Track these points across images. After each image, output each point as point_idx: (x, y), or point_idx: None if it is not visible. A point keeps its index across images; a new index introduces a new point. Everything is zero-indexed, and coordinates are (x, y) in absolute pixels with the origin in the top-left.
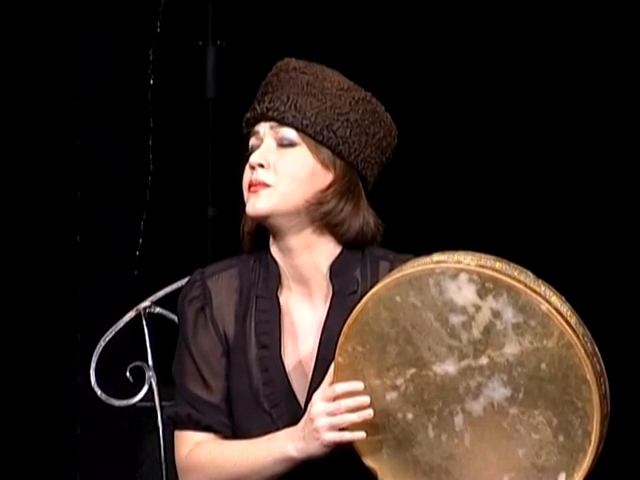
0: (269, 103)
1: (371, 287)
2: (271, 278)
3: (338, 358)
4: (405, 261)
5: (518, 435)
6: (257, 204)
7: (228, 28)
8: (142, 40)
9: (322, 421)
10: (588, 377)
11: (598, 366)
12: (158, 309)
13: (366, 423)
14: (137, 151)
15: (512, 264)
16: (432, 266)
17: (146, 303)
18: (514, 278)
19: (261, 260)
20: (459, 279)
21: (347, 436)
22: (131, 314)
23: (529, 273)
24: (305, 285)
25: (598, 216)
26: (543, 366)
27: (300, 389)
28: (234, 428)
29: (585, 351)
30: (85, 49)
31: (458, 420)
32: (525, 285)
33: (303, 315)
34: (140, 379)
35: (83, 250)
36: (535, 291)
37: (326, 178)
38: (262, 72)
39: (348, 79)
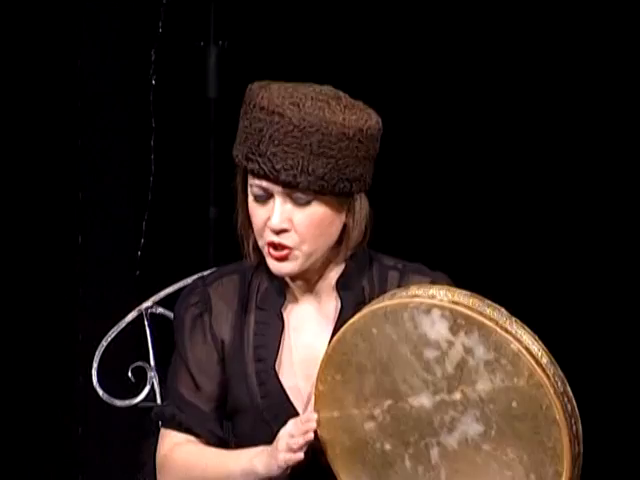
0: (277, 164)
1: (349, 318)
2: (276, 292)
3: (318, 386)
4: (414, 271)
5: (491, 471)
6: (283, 268)
7: (230, 28)
8: (144, 40)
9: (282, 442)
10: (557, 417)
11: (569, 406)
12: (160, 309)
13: (347, 452)
14: (139, 151)
15: (486, 301)
16: (407, 300)
17: (148, 303)
18: (486, 316)
19: (264, 270)
20: (432, 314)
21: (294, 457)
22: (133, 314)
23: (503, 310)
24: (314, 298)
25: (596, 231)
26: (514, 404)
27: (302, 403)
28: (239, 438)
29: (555, 391)
30: (87, 49)
31: (434, 453)
32: (496, 323)
33: (309, 328)
34: (142, 379)
35: (85, 250)
36: (506, 330)
37: (342, 217)
38: (263, 72)
39: (342, 104)
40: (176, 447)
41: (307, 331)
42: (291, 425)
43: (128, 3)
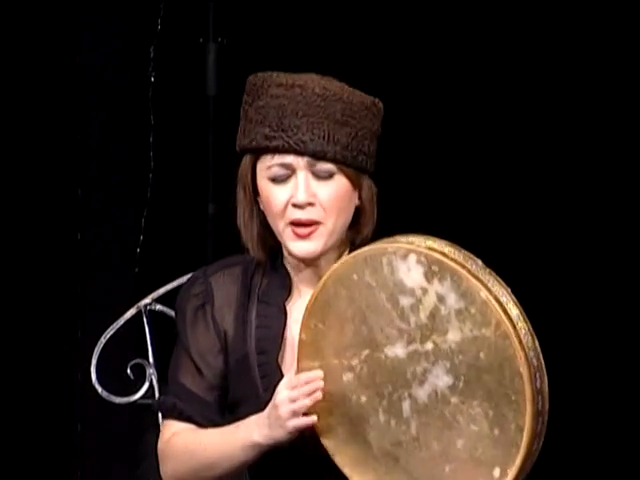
0: (303, 135)
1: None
2: (280, 285)
3: (302, 335)
4: None
5: (458, 426)
6: (308, 247)
7: (229, 25)
8: (143, 37)
9: (285, 408)
10: (521, 369)
11: (535, 361)
12: (159, 306)
13: (325, 404)
14: (138, 148)
15: (463, 251)
16: (386, 245)
17: (147, 300)
18: (459, 263)
19: (267, 262)
20: (409, 260)
21: (304, 420)
22: (132, 311)
23: (478, 261)
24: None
25: (598, 217)
26: (482, 355)
27: None
28: None
29: (520, 343)
30: (86, 46)
31: (406, 406)
32: (468, 271)
33: None
34: (141, 376)
35: (84, 247)
36: (477, 278)
37: (355, 197)
38: (263, 69)
39: (349, 87)
40: (175, 435)
41: None
42: (286, 388)
43: (127, 0)
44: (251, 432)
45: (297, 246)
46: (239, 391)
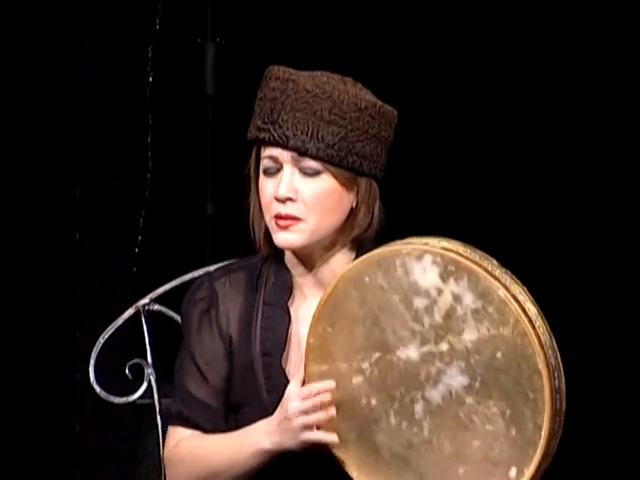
0: (287, 130)
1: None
2: (282, 286)
3: (310, 339)
4: None
5: (473, 426)
6: (289, 238)
7: (227, 25)
8: (141, 37)
9: (298, 421)
10: (540, 367)
11: (553, 360)
12: (157, 306)
13: (335, 410)
14: (136, 148)
15: (478, 251)
16: (400, 247)
17: (145, 300)
18: (476, 263)
19: (271, 265)
20: (424, 261)
21: (319, 436)
22: (130, 311)
23: (493, 261)
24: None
25: (600, 216)
26: (499, 355)
27: None
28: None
29: (539, 341)
30: (84, 46)
31: (418, 408)
32: (485, 270)
33: None
34: (139, 376)
35: (82, 247)
36: (494, 277)
37: (350, 198)
38: (262, 69)
39: (359, 86)
40: (181, 441)
41: None
42: (297, 398)
43: (126, 0)
44: (260, 439)
45: (279, 237)
46: (242, 393)
